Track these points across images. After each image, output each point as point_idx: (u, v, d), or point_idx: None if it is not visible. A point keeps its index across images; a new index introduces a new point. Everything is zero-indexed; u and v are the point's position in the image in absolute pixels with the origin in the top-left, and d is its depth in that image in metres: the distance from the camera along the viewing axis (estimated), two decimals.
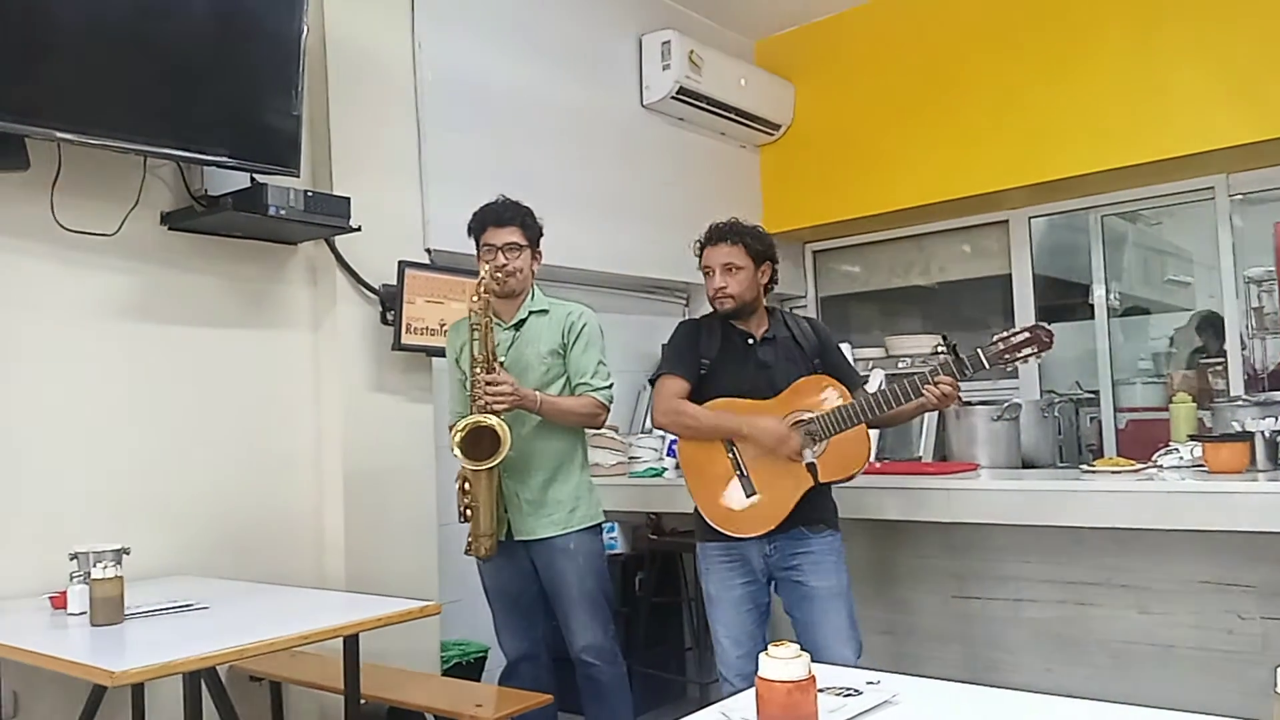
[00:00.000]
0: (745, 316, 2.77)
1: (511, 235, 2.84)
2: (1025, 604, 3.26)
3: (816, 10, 5.06)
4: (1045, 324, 2.61)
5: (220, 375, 3.03)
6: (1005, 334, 2.60)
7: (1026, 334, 2.58)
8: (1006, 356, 2.59)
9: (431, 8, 3.65)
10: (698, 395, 2.75)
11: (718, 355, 2.76)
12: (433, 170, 3.60)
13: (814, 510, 2.69)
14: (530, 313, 2.91)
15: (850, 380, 2.78)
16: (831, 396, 2.66)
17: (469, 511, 2.77)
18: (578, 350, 2.88)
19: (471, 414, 2.71)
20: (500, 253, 2.83)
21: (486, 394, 2.70)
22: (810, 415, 2.64)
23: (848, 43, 5.04)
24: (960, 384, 2.59)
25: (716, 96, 4.73)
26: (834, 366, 2.81)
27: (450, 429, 2.85)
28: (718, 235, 2.75)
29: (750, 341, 2.77)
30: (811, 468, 2.62)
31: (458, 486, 2.80)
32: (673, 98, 4.56)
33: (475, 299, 2.75)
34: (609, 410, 2.91)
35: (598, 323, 2.95)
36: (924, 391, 2.57)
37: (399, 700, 2.64)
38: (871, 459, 2.76)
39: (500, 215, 2.85)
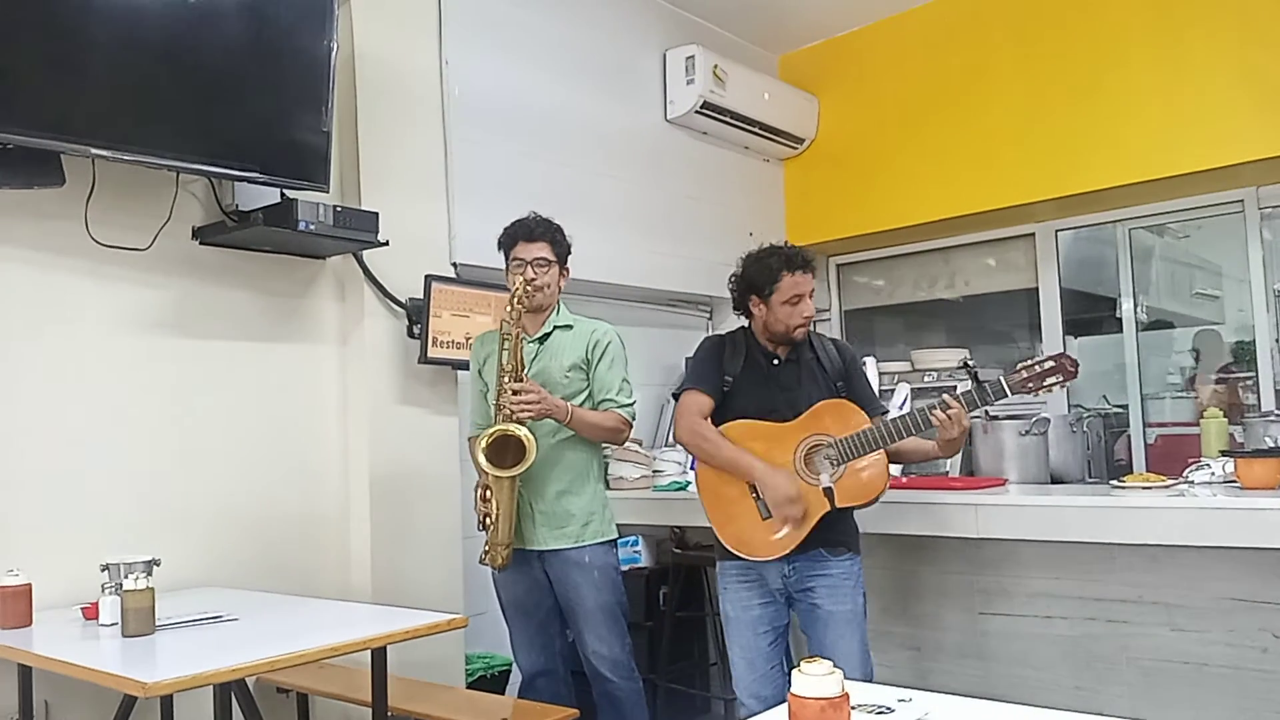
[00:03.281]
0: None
1: (541, 250, 2.87)
2: (1055, 621, 3.22)
3: (840, 24, 5.06)
4: (1069, 354, 2.58)
5: (249, 388, 3.05)
6: (1030, 362, 2.57)
7: (1051, 363, 2.55)
8: (1030, 385, 2.55)
9: (459, 25, 3.69)
10: (719, 413, 2.73)
11: (740, 374, 2.74)
12: (459, 185, 3.63)
13: (835, 532, 2.66)
14: (555, 327, 2.94)
15: (871, 406, 2.74)
16: (852, 421, 2.62)
17: (487, 520, 2.79)
18: (603, 367, 2.90)
19: (496, 423, 2.73)
20: (529, 267, 2.86)
21: (512, 403, 2.72)
22: (829, 439, 2.62)
23: (871, 56, 5.04)
24: (971, 410, 2.57)
25: (740, 111, 4.74)
26: (857, 391, 2.76)
27: (470, 440, 2.86)
28: (807, 263, 2.69)
29: (775, 362, 2.75)
30: (829, 492, 2.58)
31: (477, 495, 2.81)
32: (697, 112, 4.58)
33: (509, 309, 2.78)
34: (632, 427, 2.93)
35: (621, 341, 2.98)
36: (931, 417, 2.55)
37: (424, 713, 2.64)
38: (887, 487, 2.68)
39: (531, 230, 2.89)
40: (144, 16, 2.59)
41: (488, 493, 2.78)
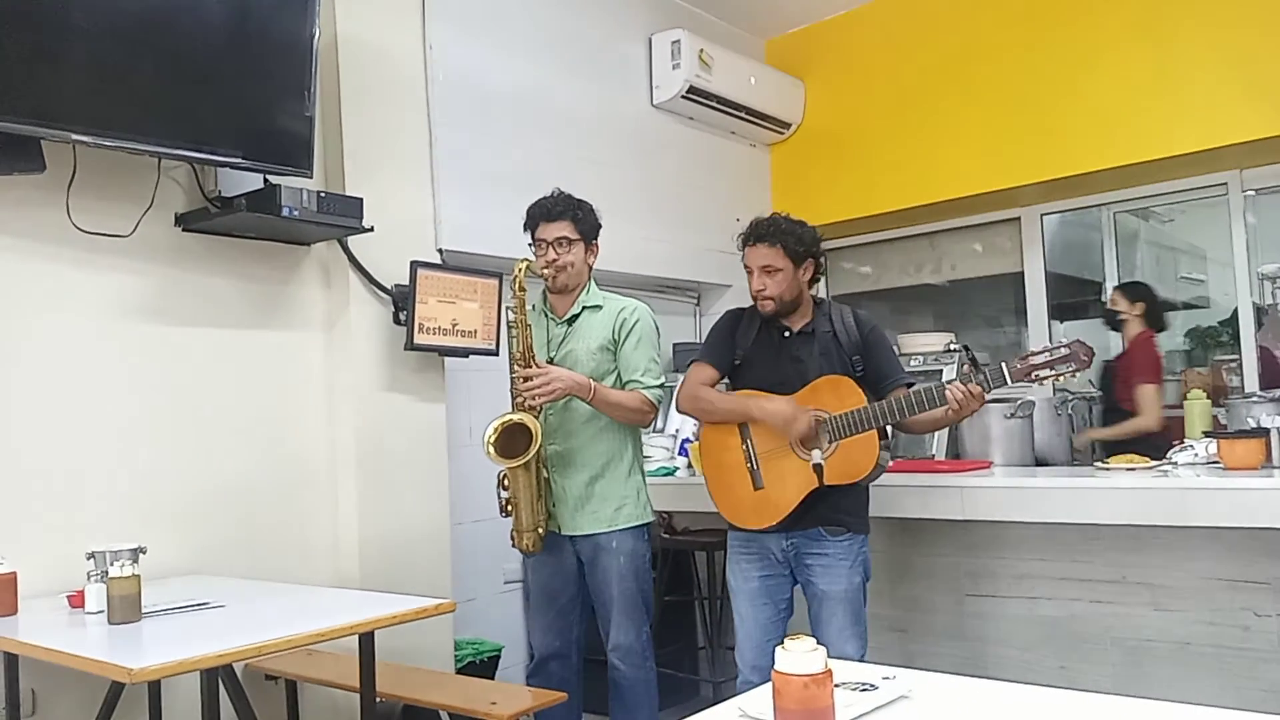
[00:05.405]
0: (788, 313, 2.75)
1: (562, 229, 2.85)
2: (1040, 601, 3.25)
3: (826, 8, 5.05)
4: (1083, 340, 2.48)
5: (234, 375, 3.04)
6: (1040, 349, 2.50)
7: (1066, 350, 2.47)
8: (1043, 373, 2.47)
9: (442, 9, 3.67)
10: (732, 386, 2.77)
11: (752, 346, 2.76)
12: (444, 170, 3.62)
13: (835, 511, 2.67)
14: (584, 308, 2.92)
15: (894, 379, 2.69)
16: (848, 399, 2.60)
17: (510, 507, 2.80)
18: (629, 346, 2.87)
19: (512, 411, 2.74)
20: (551, 247, 2.83)
21: (523, 391, 2.72)
22: (825, 415, 2.62)
23: (858, 40, 5.04)
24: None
25: (726, 95, 4.73)
26: (875, 366, 2.71)
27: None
28: (756, 235, 2.70)
29: (786, 335, 2.75)
30: (818, 469, 2.59)
31: (498, 482, 2.82)
32: (683, 97, 4.57)
33: (511, 296, 2.77)
34: (658, 410, 2.90)
35: (653, 321, 2.94)
36: (947, 393, 2.50)
37: (414, 698, 2.64)
38: (880, 467, 2.67)
39: (550, 210, 2.86)
40: (125, 1, 2.57)
41: (506, 480, 2.80)
